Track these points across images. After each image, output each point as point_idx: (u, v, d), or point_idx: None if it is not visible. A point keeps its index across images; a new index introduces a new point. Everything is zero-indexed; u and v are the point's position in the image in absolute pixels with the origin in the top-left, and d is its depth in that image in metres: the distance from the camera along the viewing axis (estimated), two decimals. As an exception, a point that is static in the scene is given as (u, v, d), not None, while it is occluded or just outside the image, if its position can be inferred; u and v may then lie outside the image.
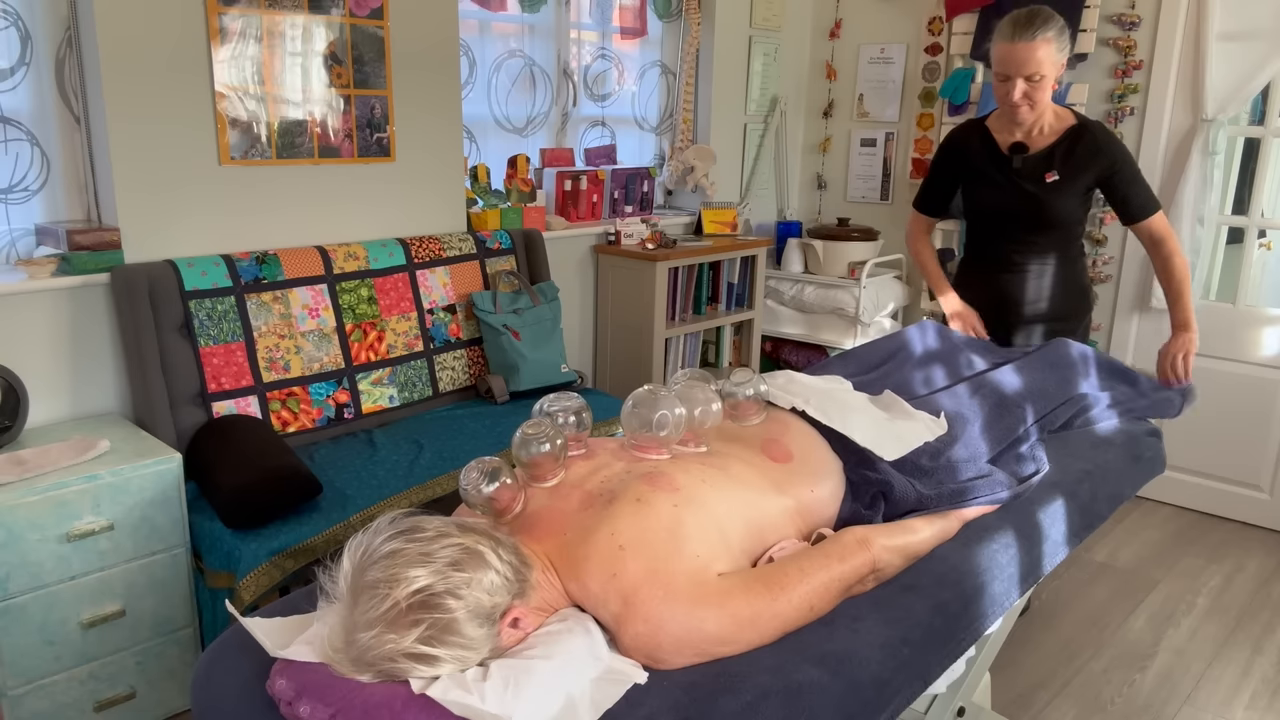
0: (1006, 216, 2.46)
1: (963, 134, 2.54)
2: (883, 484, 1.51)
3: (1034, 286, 2.51)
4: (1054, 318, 2.52)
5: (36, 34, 2.38)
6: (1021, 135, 2.41)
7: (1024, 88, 2.26)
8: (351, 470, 2.47)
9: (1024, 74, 2.24)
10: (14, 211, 2.42)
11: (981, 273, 2.58)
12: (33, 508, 2.01)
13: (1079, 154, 2.36)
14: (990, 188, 2.46)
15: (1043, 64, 2.22)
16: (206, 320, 2.52)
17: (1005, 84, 2.28)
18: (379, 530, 1.16)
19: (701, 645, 1.18)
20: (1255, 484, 3.59)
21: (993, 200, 2.47)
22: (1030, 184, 2.40)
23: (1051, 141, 2.38)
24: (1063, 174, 2.37)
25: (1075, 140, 2.37)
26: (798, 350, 4.33)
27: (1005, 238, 2.50)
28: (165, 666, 2.29)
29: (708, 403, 1.51)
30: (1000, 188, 2.44)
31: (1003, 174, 2.44)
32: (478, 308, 3.09)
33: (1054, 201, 2.39)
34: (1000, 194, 2.45)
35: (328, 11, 2.76)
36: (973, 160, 2.49)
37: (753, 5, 4.17)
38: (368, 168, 2.97)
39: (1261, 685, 2.59)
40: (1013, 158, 2.41)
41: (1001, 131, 2.45)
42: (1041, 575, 1.59)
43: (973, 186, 2.50)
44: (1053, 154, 2.38)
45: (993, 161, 2.45)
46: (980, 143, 2.48)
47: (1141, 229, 2.41)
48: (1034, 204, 2.40)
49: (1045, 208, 2.40)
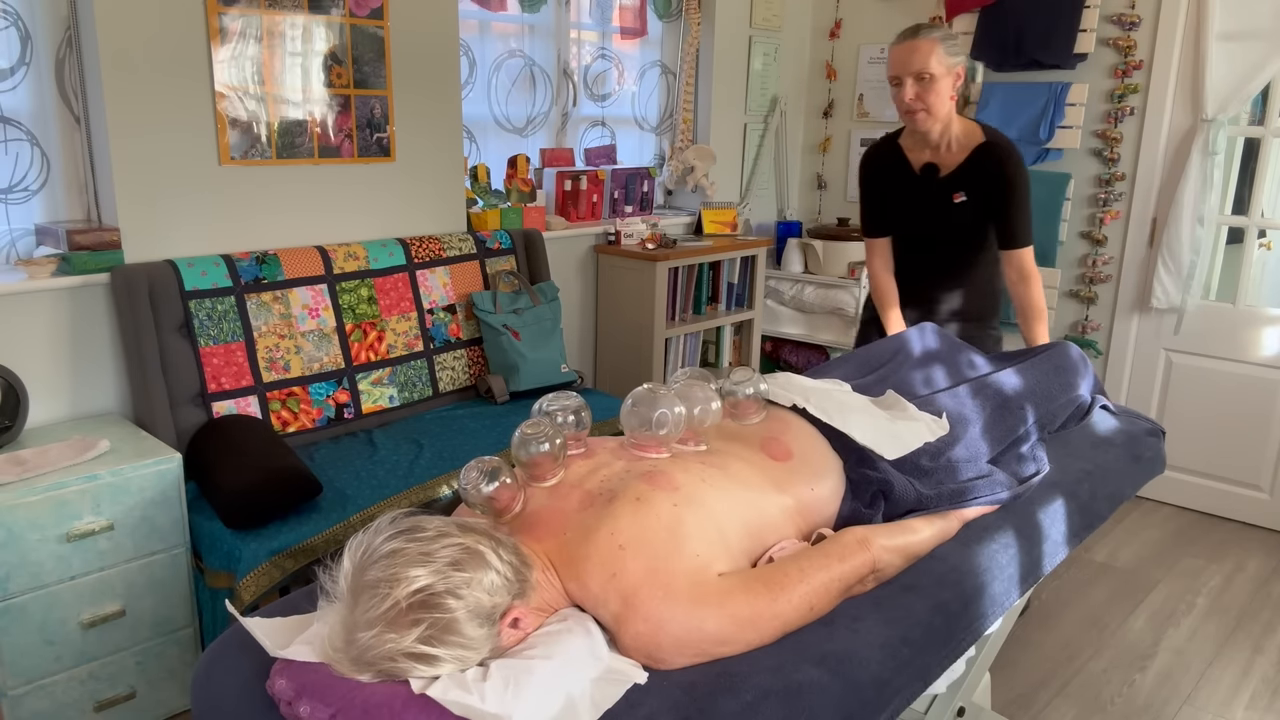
0: (920, 236, 2.52)
1: (877, 152, 2.57)
2: (883, 483, 1.51)
3: (949, 293, 2.57)
4: (966, 319, 2.58)
5: (36, 34, 2.38)
6: (930, 153, 2.44)
7: (915, 89, 2.28)
8: (351, 470, 2.47)
9: (911, 72, 2.27)
10: (14, 211, 2.42)
11: (905, 279, 2.62)
12: (33, 508, 2.01)
13: (983, 172, 2.39)
14: (902, 207, 2.52)
15: (929, 61, 2.25)
16: (206, 320, 2.52)
17: (899, 89, 2.32)
18: (379, 530, 1.16)
19: (701, 645, 1.18)
20: (1255, 484, 3.59)
21: (905, 219, 2.53)
22: (939, 204, 2.44)
23: (960, 160, 2.41)
24: (970, 194, 2.40)
25: (981, 158, 2.39)
26: (798, 350, 4.33)
27: (922, 250, 2.55)
28: (165, 666, 2.29)
29: (707, 401, 1.51)
30: (911, 207, 2.50)
31: (914, 194, 2.48)
32: (478, 308, 3.09)
33: (963, 222, 2.44)
34: (912, 213, 2.50)
35: (328, 11, 2.76)
36: (887, 178, 2.53)
37: (753, 5, 4.17)
38: (368, 168, 2.97)
39: (1261, 685, 2.59)
40: (924, 178, 2.46)
41: (913, 150, 2.48)
42: (1041, 575, 1.59)
43: (888, 207, 2.56)
44: (960, 174, 2.42)
45: (904, 181, 2.49)
46: (893, 161, 2.52)
47: (1008, 258, 2.41)
48: (946, 223, 2.45)
49: (956, 227, 2.45)
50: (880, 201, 2.58)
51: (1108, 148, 3.68)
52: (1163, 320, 3.69)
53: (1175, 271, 3.54)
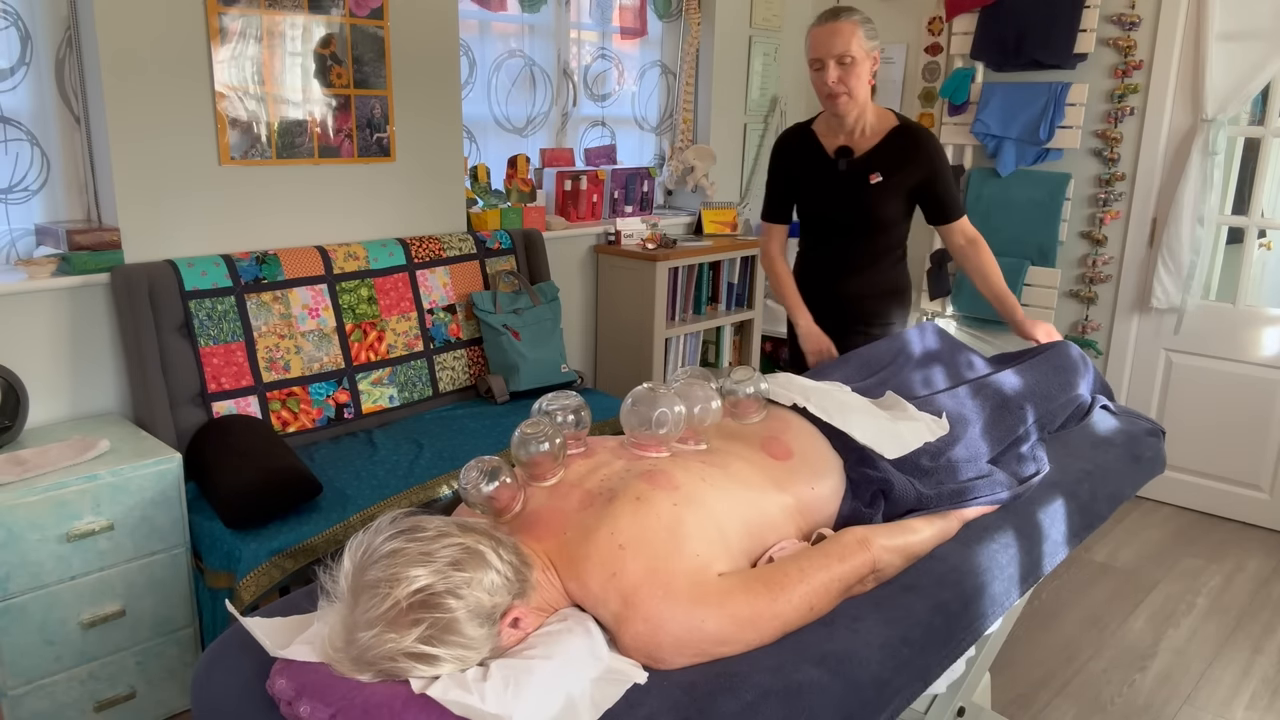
0: (833, 219, 2.48)
1: (790, 139, 2.54)
2: (883, 482, 1.51)
3: (860, 287, 2.53)
4: (878, 317, 2.56)
5: (36, 34, 2.38)
6: (845, 138, 2.42)
7: (837, 72, 2.27)
8: (351, 470, 2.47)
9: (834, 54, 2.25)
10: (14, 211, 2.42)
11: (814, 273, 2.59)
12: (33, 508, 2.01)
13: (901, 155, 2.38)
14: (817, 191, 2.48)
15: (850, 44, 2.24)
16: (206, 320, 2.52)
17: (820, 73, 2.29)
18: (380, 530, 1.16)
19: (701, 645, 1.18)
20: (1255, 484, 3.59)
21: (819, 204, 2.49)
22: (855, 187, 2.42)
23: (875, 143, 2.40)
24: (886, 176, 2.39)
25: (897, 141, 2.39)
26: (798, 350, 4.32)
27: (833, 240, 2.52)
28: (165, 666, 2.29)
29: (707, 400, 1.51)
30: (826, 191, 2.46)
31: (828, 177, 2.45)
32: (478, 308, 3.09)
33: (878, 203, 2.41)
34: (826, 198, 2.47)
35: (328, 11, 2.76)
36: (800, 163, 2.50)
37: (753, 5, 4.17)
38: (368, 168, 2.97)
39: (1261, 685, 2.59)
40: (838, 160, 2.43)
41: (827, 135, 2.46)
42: (1041, 575, 1.59)
43: (801, 190, 2.52)
44: (876, 156, 2.40)
45: (818, 165, 2.47)
46: (806, 146, 2.49)
47: (955, 229, 2.44)
48: (858, 207, 2.42)
49: (869, 210, 2.42)
50: (788, 186, 2.54)
51: (1108, 148, 3.68)
52: (1163, 320, 3.69)
53: (1175, 271, 3.53)
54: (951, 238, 2.46)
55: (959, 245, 2.46)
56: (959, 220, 2.44)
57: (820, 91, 2.33)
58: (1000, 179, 3.89)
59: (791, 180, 2.53)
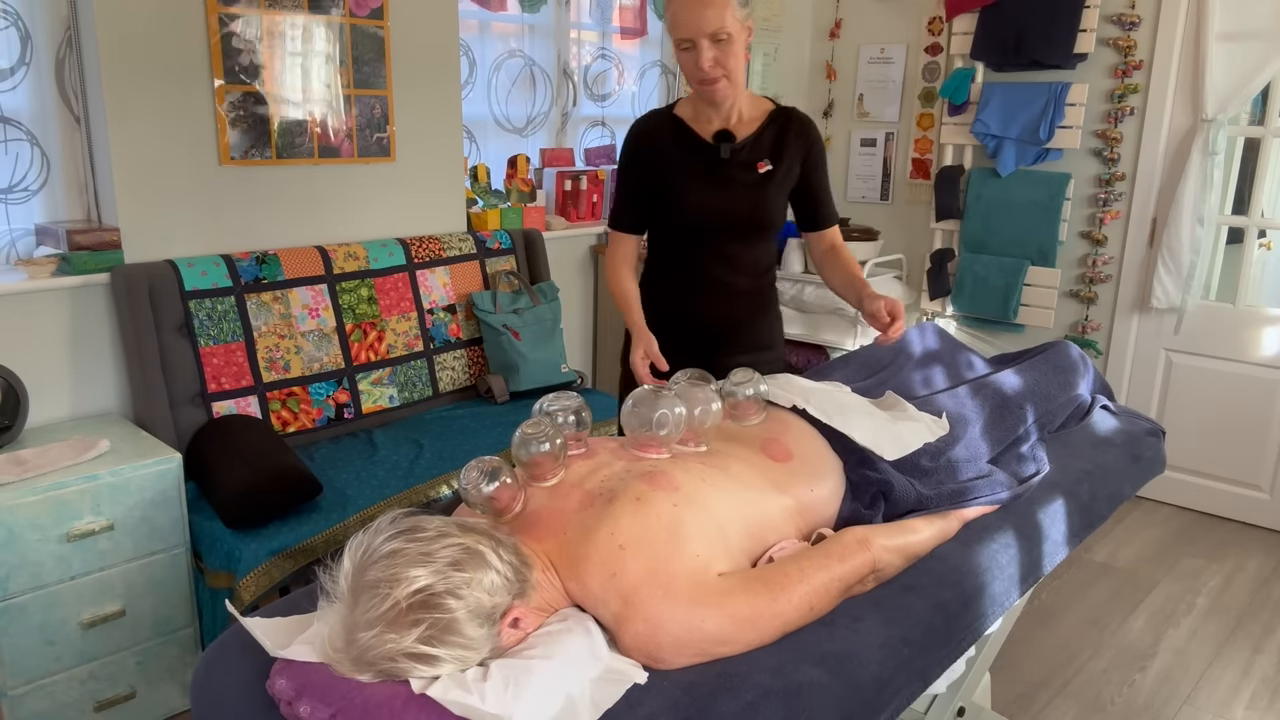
0: (717, 219, 2.04)
1: (651, 127, 2.08)
2: (883, 484, 1.51)
3: (743, 307, 2.14)
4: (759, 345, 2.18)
5: (36, 34, 2.38)
6: (721, 122, 2.04)
7: (713, 52, 1.87)
8: (351, 470, 2.47)
9: (708, 32, 1.85)
10: (14, 211, 2.42)
11: (677, 292, 2.12)
12: (33, 508, 2.01)
13: (788, 140, 2.05)
14: (697, 186, 2.03)
15: (725, 18, 1.84)
16: (206, 320, 2.52)
17: (691, 53, 1.89)
18: (379, 530, 1.16)
19: (701, 645, 1.18)
20: (1255, 484, 3.59)
21: (702, 201, 2.03)
22: (743, 177, 2.03)
23: (755, 128, 2.04)
24: (775, 163, 2.04)
25: (781, 125, 2.05)
26: (798, 350, 4.32)
27: (708, 248, 2.08)
28: (165, 666, 2.29)
29: (707, 402, 1.51)
30: (709, 185, 2.03)
31: (711, 168, 2.03)
32: (478, 308, 3.09)
33: (770, 196, 2.05)
34: (710, 192, 2.03)
35: (328, 11, 2.76)
36: (670, 157, 2.05)
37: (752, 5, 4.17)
38: (368, 168, 2.97)
39: (1261, 685, 2.59)
40: (720, 147, 2.02)
41: (697, 120, 2.05)
42: (1041, 575, 1.59)
43: (674, 188, 2.04)
44: (761, 140, 2.04)
45: (696, 155, 2.04)
46: (675, 136, 2.06)
47: (826, 235, 2.14)
48: (750, 200, 2.04)
49: (761, 203, 2.04)
50: (652, 184, 2.07)
51: (1108, 148, 3.68)
52: (1163, 320, 3.69)
53: (1175, 271, 3.54)
54: (818, 244, 2.14)
55: (821, 251, 2.13)
56: (831, 229, 2.13)
57: (692, 76, 1.94)
58: (1000, 179, 3.89)
59: (657, 176, 2.06)
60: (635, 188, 2.10)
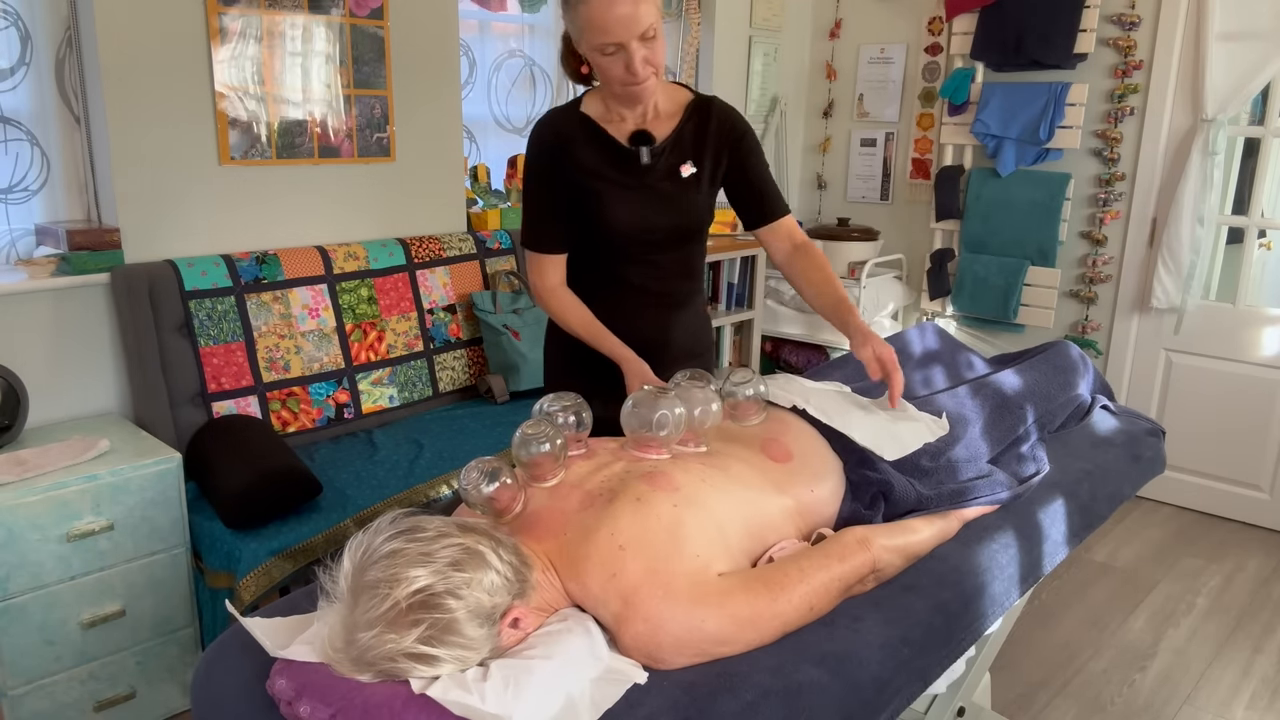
0: (641, 232, 1.83)
1: (560, 130, 1.84)
2: (883, 484, 1.51)
3: (678, 324, 1.96)
4: (694, 352, 2.01)
5: (36, 34, 2.38)
6: (636, 121, 1.83)
7: (644, 51, 1.66)
8: (351, 470, 2.47)
9: (638, 33, 1.63)
10: (14, 211, 2.42)
11: (606, 310, 1.89)
12: (33, 508, 2.01)
13: (710, 135, 1.84)
14: (617, 197, 1.82)
15: (653, 14, 1.65)
16: (206, 320, 2.52)
17: (616, 56, 1.66)
18: (379, 530, 1.16)
19: (701, 645, 1.18)
20: (1255, 484, 3.59)
21: (623, 214, 1.82)
22: (666, 183, 1.83)
23: (674, 125, 1.83)
24: (699, 164, 1.84)
25: (701, 119, 1.84)
26: (798, 350, 4.33)
27: (633, 258, 1.87)
28: (165, 666, 2.29)
29: (707, 402, 1.51)
30: (630, 195, 1.82)
31: (630, 176, 1.82)
32: (478, 308, 3.09)
33: (698, 201, 1.85)
34: (632, 204, 1.82)
35: (328, 11, 2.76)
36: (584, 163, 1.82)
37: (753, 5, 4.17)
38: (368, 168, 2.97)
39: (1261, 685, 2.59)
40: (639, 151, 1.80)
41: (609, 119, 1.84)
42: (1041, 575, 1.59)
43: (592, 200, 1.82)
44: (682, 138, 1.83)
45: (612, 162, 1.82)
46: (586, 138, 1.83)
47: (780, 228, 1.88)
48: (675, 208, 1.84)
49: (689, 210, 1.85)
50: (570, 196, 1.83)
51: (1108, 148, 3.68)
52: (1163, 320, 3.69)
53: (1175, 271, 3.54)
54: (775, 243, 1.89)
55: (784, 251, 1.89)
56: (784, 219, 1.88)
57: (619, 80, 1.70)
58: (1000, 179, 3.89)
59: (573, 187, 1.82)
60: (551, 200, 1.85)
